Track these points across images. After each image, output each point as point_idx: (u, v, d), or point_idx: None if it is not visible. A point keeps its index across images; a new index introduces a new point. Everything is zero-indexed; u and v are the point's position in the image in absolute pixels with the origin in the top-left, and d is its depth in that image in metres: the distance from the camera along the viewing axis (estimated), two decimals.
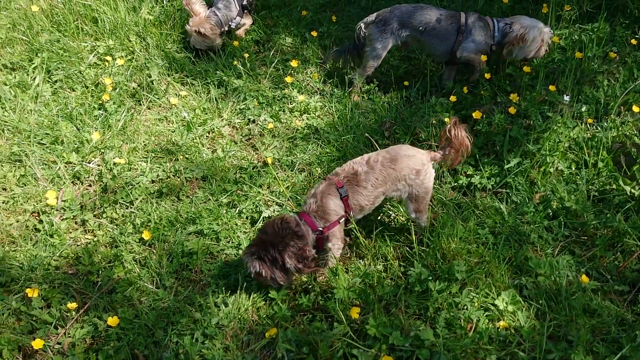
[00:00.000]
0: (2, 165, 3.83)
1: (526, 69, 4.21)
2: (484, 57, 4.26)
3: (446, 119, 3.97)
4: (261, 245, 2.83)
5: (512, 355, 2.72)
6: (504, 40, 4.26)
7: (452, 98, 4.15)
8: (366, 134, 3.97)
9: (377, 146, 3.73)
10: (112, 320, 2.73)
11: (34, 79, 4.61)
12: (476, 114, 3.90)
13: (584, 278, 3.03)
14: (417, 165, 3.14)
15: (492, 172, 3.72)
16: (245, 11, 5.25)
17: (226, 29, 5.08)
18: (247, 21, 5.32)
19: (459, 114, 4.18)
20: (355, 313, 2.72)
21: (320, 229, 2.97)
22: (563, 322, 2.86)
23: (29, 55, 4.83)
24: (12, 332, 2.79)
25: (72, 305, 2.86)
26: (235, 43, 5.03)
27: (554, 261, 3.15)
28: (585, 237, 3.38)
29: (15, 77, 4.58)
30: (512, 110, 3.92)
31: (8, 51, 4.89)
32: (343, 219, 3.04)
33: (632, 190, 3.49)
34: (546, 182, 3.64)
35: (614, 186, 3.56)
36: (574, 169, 3.72)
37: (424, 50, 4.58)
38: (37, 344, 2.64)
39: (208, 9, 4.99)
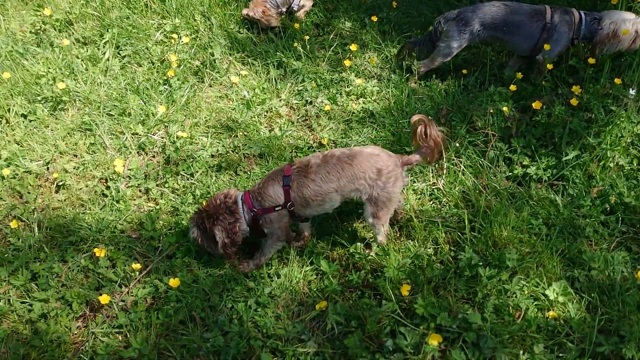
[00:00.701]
0: (73, 133, 4.06)
1: (591, 60, 4.11)
2: (550, 65, 4.18)
3: (504, 108, 3.94)
4: (201, 215, 3.01)
5: (560, 345, 2.73)
6: (592, 37, 4.11)
7: (512, 87, 4.11)
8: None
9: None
10: (174, 282, 2.88)
11: (104, 53, 4.82)
12: (536, 105, 3.85)
13: None
14: (380, 165, 3.00)
15: (549, 163, 3.68)
16: None
17: (284, 10, 5.16)
18: (308, 3, 5.38)
19: (517, 104, 4.14)
20: (405, 290, 2.78)
21: (255, 209, 3.03)
22: (615, 317, 2.83)
23: (100, 30, 5.06)
24: (81, 287, 2.99)
25: (137, 266, 3.03)
26: (296, 25, 5.11)
27: (609, 256, 3.11)
28: None
29: (87, 51, 4.81)
30: (574, 101, 3.85)
31: (81, 26, 5.13)
32: (284, 210, 3.02)
33: None
34: (605, 177, 3.57)
35: None
36: (635, 164, 3.64)
37: (504, 47, 4.51)
38: (104, 299, 2.82)
39: None
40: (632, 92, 3.84)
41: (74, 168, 3.80)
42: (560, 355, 2.68)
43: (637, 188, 3.47)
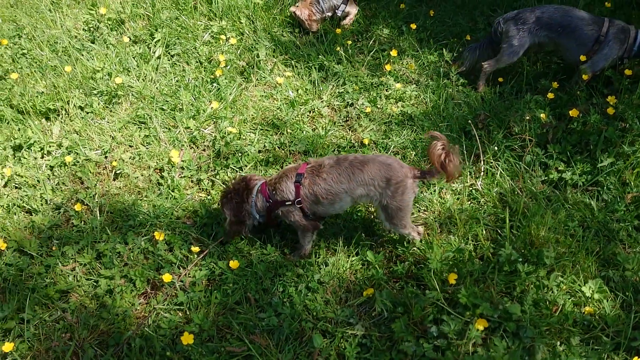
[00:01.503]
0: (128, 126, 4.29)
1: (627, 72, 4.25)
2: (586, 77, 4.33)
3: (542, 115, 4.10)
4: (227, 195, 3.29)
5: (595, 339, 2.87)
6: None
7: (550, 95, 4.26)
8: (469, 121, 4.15)
9: (475, 133, 3.92)
10: (234, 264, 3.07)
11: (155, 52, 5.06)
12: (573, 112, 4.00)
13: None
14: (390, 174, 3.07)
15: (584, 169, 3.82)
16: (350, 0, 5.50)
17: (329, 15, 5.38)
18: (352, 10, 5.58)
19: (553, 112, 4.29)
20: (452, 279, 2.95)
21: (269, 200, 3.21)
22: None
23: (150, 30, 5.31)
24: (142, 267, 3.20)
25: (195, 249, 3.24)
26: (338, 30, 5.31)
27: None
28: None
29: (138, 49, 5.06)
30: (610, 110, 4.00)
31: (132, 25, 5.38)
32: (293, 205, 3.15)
33: None
34: (639, 184, 3.71)
35: None
36: None
37: (558, 52, 4.63)
38: (167, 277, 3.03)
39: None
40: None
41: (130, 158, 4.03)
42: (596, 347, 2.82)
43: None
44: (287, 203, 3.16)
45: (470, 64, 4.82)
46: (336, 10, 5.36)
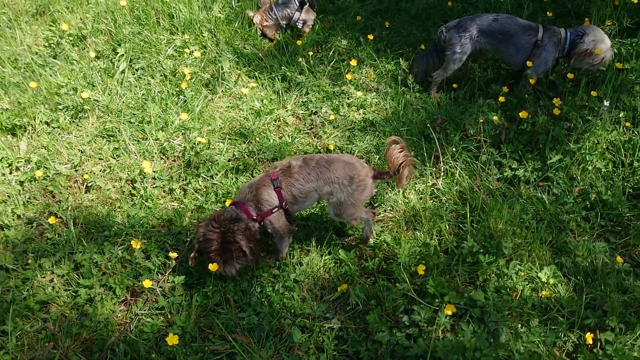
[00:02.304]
0: (97, 139, 4.34)
1: (570, 75, 4.59)
2: (532, 80, 4.66)
3: (494, 117, 4.38)
4: (213, 242, 3.11)
5: (552, 320, 3.12)
6: (572, 50, 4.52)
7: (501, 99, 4.56)
8: (427, 125, 4.39)
9: (433, 136, 4.16)
10: (213, 266, 3.17)
11: (119, 66, 5.12)
12: (523, 114, 4.29)
13: (619, 259, 3.41)
14: (353, 173, 3.28)
15: (535, 166, 4.11)
16: (307, 7, 5.72)
17: (285, 23, 5.63)
18: (309, 16, 5.77)
19: (504, 114, 4.58)
20: (421, 270, 3.15)
21: (254, 217, 3.20)
22: (598, 296, 3.24)
23: (113, 44, 5.36)
24: (122, 275, 3.27)
25: (174, 254, 3.33)
26: (299, 42, 5.50)
27: (591, 245, 3.53)
28: (620, 228, 3.75)
29: (102, 64, 5.11)
30: (556, 111, 4.31)
31: (94, 41, 5.42)
32: (281, 210, 3.27)
33: None
34: (585, 178, 4.02)
35: None
36: (611, 167, 4.09)
37: (499, 58, 4.90)
38: (147, 283, 3.11)
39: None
40: (605, 103, 4.32)
41: (101, 170, 4.08)
42: (553, 327, 3.07)
43: (614, 187, 3.91)
44: (274, 210, 3.24)
45: (420, 73, 5.08)
46: (292, 19, 5.56)
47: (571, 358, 2.94)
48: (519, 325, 3.06)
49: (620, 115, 4.34)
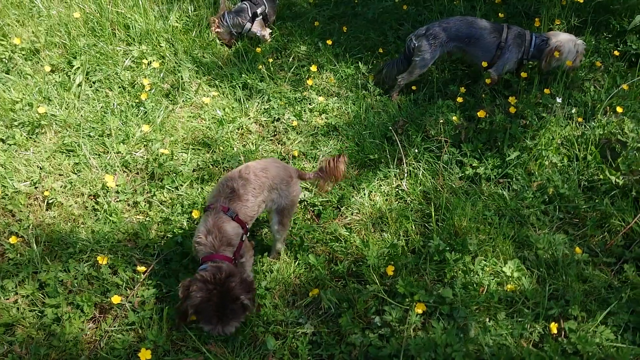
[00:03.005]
0: (56, 155, 4.25)
1: (523, 74, 4.75)
2: (488, 80, 4.84)
3: (454, 118, 4.49)
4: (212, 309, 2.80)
5: (518, 312, 3.21)
6: (540, 54, 4.73)
7: (459, 99, 4.67)
8: (389, 127, 4.46)
9: (396, 138, 4.24)
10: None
11: (75, 79, 5.02)
12: (480, 113, 4.42)
13: (577, 250, 3.54)
14: (287, 176, 3.31)
15: (494, 164, 4.23)
16: (260, 20, 5.75)
17: (235, 32, 5.67)
18: (265, 32, 5.80)
19: (463, 114, 4.70)
20: (390, 271, 3.20)
21: (232, 257, 3.00)
22: (560, 286, 3.36)
23: (68, 57, 5.26)
24: (89, 292, 3.21)
25: (142, 268, 3.29)
26: (258, 49, 5.51)
27: (551, 238, 3.65)
28: (577, 219, 3.90)
29: (58, 77, 5.00)
30: (512, 109, 4.45)
31: (48, 54, 5.30)
32: (246, 235, 3.13)
33: (617, 180, 4.01)
34: (542, 173, 4.16)
35: (601, 176, 4.08)
36: (566, 161, 4.25)
37: (466, 58, 5.03)
38: (115, 299, 3.07)
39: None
40: (558, 100, 4.48)
41: (61, 187, 3.99)
42: (519, 319, 3.16)
43: (570, 181, 4.06)
44: (243, 239, 3.09)
45: (389, 80, 5.14)
46: (243, 29, 5.58)
47: (538, 348, 3.03)
48: (487, 319, 3.15)
49: (573, 111, 4.51)
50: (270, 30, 5.88)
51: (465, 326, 3.08)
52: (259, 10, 5.72)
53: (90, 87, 5.02)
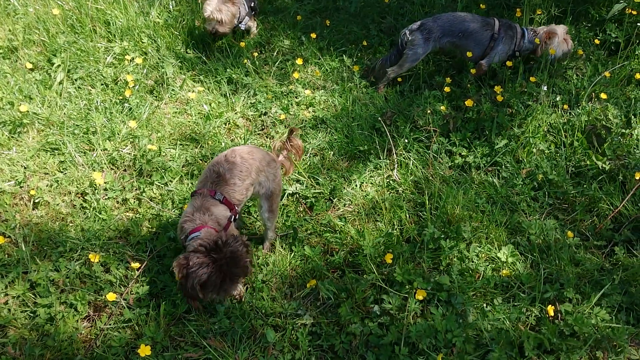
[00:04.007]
0: (40, 154, 4.15)
1: (508, 63, 4.79)
2: (473, 70, 4.91)
3: (441, 107, 4.51)
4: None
5: (514, 297, 3.24)
6: (533, 45, 4.87)
7: (447, 89, 4.70)
8: (378, 119, 4.46)
9: (385, 129, 4.24)
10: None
11: (56, 77, 4.92)
12: (468, 102, 4.44)
13: (569, 234, 3.59)
14: (271, 159, 3.30)
15: (483, 152, 4.26)
16: (253, 16, 5.67)
17: (236, 24, 5.41)
18: (253, 25, 5.74)
19: (450, 104, 4.73)
20: (389, 259, 3.20)
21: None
22: (554, 270, 3.40)
23: (47, 55, 5.15)
24: (82, 291, 3.14)
25: (135, 264, 3.23)
26: (242, 44, 5.46)
27: (542, 223, 3.70)
28: (567, 205, 3.95)
29: (38, 75, 4.89)
30: (499, 98, 4.49)
31: (27, 52, 5.19)
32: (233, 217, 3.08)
33: (603, 165, 4.08)
34: (531, 160, 4.20)
35: (588, 162, 4.14)
36: (553, 148, 4.30)
37: (459, 52, 5.03)
38: (111, 296, 3.00)
39: None
40: (544, 88, 4.54)
41: (47, 185, 3.91)
42: (516, 304, 3.19)
43: (558, 167, 4.11)
44: (232, 221, 3.05)
45: (380, 72, 5.14)
46: (241, 22, 5.49)
47: (535, 331, 3.06)
48: (485, 305, 3.17)
49: (557, 98, 4.57)
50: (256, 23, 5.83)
51: (463, 312, 3.10)
52: (253, 4, 5.59)
53: (72, 85, 4.92)
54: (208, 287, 2.64)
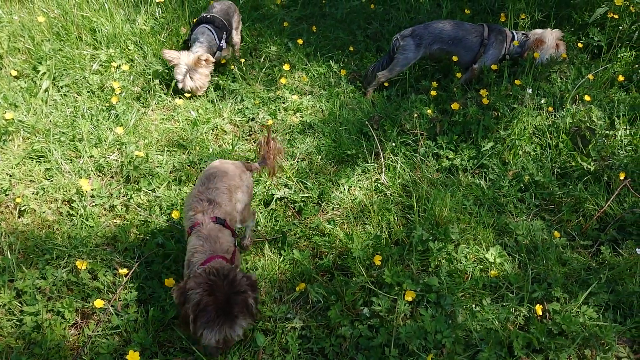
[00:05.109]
0: (26, 162, 4.12)
1: (494, 67, 4.84)
2: (459, 74, 4.98)
3: (428, 111, 4.55)
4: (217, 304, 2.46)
5: (502, 297, 3.26)
6: (522, 49, 4.96)
7: (433, 93, 4.73)
8: (365, 123, 4.48)
9: (372, 133, 4.26)
10: (169, 281, 3.06)
11: (41, 85, 4.89)
12: (454, 106, 4.48)
13: (556, 234, 3.62)
14: (239, 170, 3.23)
15: (470, 155, 4.29)
16: (225, 47, 5.32)
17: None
18: (227, 53, 5.46)
19: (437, 108, 4.76)
20: (378, 260, 3.20)
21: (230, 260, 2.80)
22: (542, 270, 3.42)
23: (33, 63, 5.12)
24: (69, 298, 3.11)
25: (123, 271, 3.21)
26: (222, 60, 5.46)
27: (529, 224, 3.73)
28: (553, 205, 3.98)
29: (23, 83, 4.86)
30: (485, 101, 4.53)
31: (11, 60, 5.15)
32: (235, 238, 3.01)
33: (588, 166, 4.12)
34: (517, 162, 4.24)
35: (573, 163, 4.19)
36: (539, 150, 4.34)
37: (449, 59, 5.08)
38: (98, 303, 2.96)
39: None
40: (528, 91, 4.59)
41: (33, 193, 3.87)
42: (504, 304, 3.21)
43: (543, 169, 4.15)
44: (236, 245, 3.01)
45: (370, 76, 5.16)
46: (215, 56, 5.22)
47: (524, 330, 3.07)
48: (473, 305, 3.18)
49: (542, 101, 4.62)
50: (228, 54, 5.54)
51: (452, 313, 3.10)
52: (224, 36, 5.21)
53: (58, 92, 4.89)
54: (200, 316, 2.40)
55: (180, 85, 4.90)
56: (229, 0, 5.53)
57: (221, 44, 5.18)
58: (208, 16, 5.17)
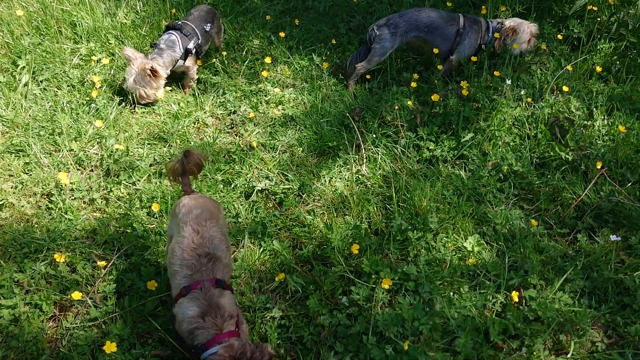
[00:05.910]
0: (4, 156, 4.09)
1: (473, 58, 4.87)
2: (440, 66, 5.01)
3: (409, 103, 4.57)
4: None
5: (480, 284, 3.30)
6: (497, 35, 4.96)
7: (413, 84, 4.76)
8: (347, 115, 4.50)
9: (353, 125, 4.28)
10: (151, 284, 3.03)
11: (21, 79, 4.85)
12: (435, 97, 4.50)
13: (534, 222, 3.66)
14: (217, 207, 3.04)
15: (450, 146, 4.32)
16: (192, 55, 4.99)
17: (169, 72, 4.84)
18: (193, 66, 5.07)
19: (418, 99, 4.79)
20: (355, 249, 3.22)
21: (236, 329, 2.61)
22: (519, 258, 3.46)
23: (12, 57, 5.07)
24: (47, 291, 3.10)
25: (102, 263, 3.20)
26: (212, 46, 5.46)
27: (508, 214, 3.77)
28: (531, 195, 4.02)
29: (2, 77, 4.82)
30: (465, 92, 4.56)
31: None
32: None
33: (566, 156, 4.17)
34: (496, 152, 4.27)
35: (552, 153, 4.23)
36: (518, 140, 4.38)
37: (426, 48, 5.11)
38: (76, 295, 2.96)
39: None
40: (508, 82, 4.62)
41: (12, 187, 3.85)
42: (482, 291, 3.24)
43: (522, 159, 4.19)
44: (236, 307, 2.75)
45: (350, 68, 5.17)
46: (175, 66, 4.95)
47: (501, 317, 3.11)
48: (451, 293, 3.21)
49: (522, 92, 4.66)
50: (198, 67, 5.21)
51: (430, 301, 3.14)
52: (191, 45, 4.92)
53: (38, 86, 4.86)
54: None
55: (124, 86, 4.72)
56: (210, 6, 5.43)
57: (186, 53, 4.90)
58: (179, 22, 4.96)
